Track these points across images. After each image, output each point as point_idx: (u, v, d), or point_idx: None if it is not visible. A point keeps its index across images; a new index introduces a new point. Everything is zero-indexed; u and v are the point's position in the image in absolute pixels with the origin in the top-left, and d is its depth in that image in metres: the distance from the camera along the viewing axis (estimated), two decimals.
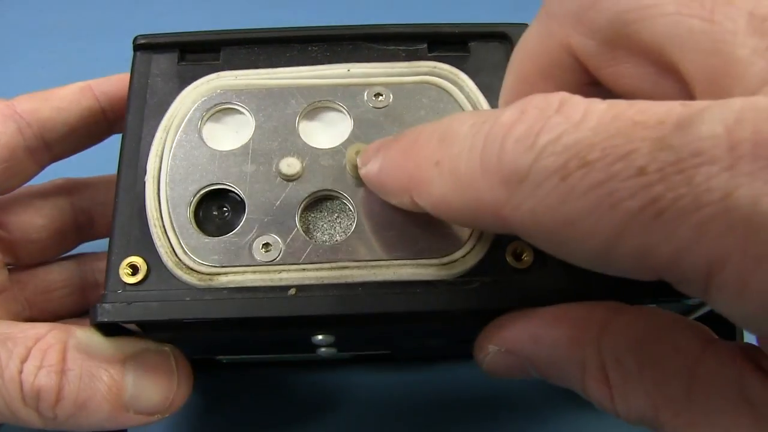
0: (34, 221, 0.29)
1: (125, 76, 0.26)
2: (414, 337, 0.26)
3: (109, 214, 0.30)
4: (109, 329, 0.23)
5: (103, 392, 0.22)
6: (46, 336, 0.23)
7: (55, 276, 0.30)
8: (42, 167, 0.28)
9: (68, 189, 0.30)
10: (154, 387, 0.23)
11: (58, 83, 0.28)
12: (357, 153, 0.23)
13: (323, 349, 0.26)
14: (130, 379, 0.23)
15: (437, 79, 0.25)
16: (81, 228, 0.31)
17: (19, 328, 0.23)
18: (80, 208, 0.30)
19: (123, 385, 0.23)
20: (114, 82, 0.28)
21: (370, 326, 0.22)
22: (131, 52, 0.26)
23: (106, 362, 0.23)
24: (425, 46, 0.26)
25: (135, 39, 0.26)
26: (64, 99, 0.27)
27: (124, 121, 0.25)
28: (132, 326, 0.23)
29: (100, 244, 0.31)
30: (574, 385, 0.20)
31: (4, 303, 0.28)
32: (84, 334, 0.23)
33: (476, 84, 0.25)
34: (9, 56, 0.42)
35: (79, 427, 0.23)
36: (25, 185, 0.28)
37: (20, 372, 0.22)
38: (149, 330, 0.23)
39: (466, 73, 0.25)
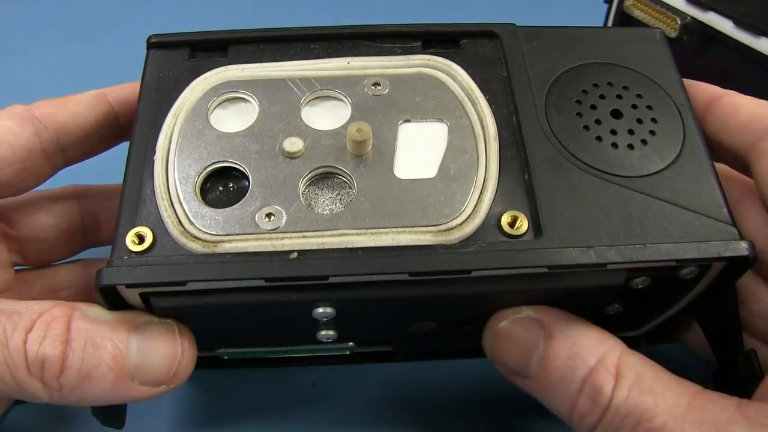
0: (43, 221, 0.30)
1: (137, 84, 0.27)
2: (412, 313, 0.26)
3: (115, 219, 0.31)
4: (114, 301, 0.23)
5: (107, 361, 0.23)
6: (51, 309, 0.23)
7: (62, 277, 0.31)
8: (56, 171, 0.29)
9: (77, 193, 0.31)
10: (158, 356, 0.23)
11: (60, 82, 0.29)
12: (358, 130, 0.24)
13: (323, 332, 0.26)
14: (133, 348, 0.23)
15: (432, 70, 0.27)
16: (88, 231, 0.31)
17: (25, 303, 0.24)
18: (88, 212, 0.31)
19: (127, 354, 0.23)
20: (127, 90, 0.29)
21: (369, 291, 0.23)
22: (134, 51, 0.27)
23: (110, 332, 0.23)
24: (419, 44, 0.28)
25: (149, 38, 0.27)
26: (80, 105, 0.28)
27: (136, 109, 0.26)
28: (136, 299, 0.24)
29: (107, 252, 0.32)
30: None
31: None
32: (89, 308, 0.24)
33: (468, 75, 0.27)
34: (10, 55, 0.43)
35: (85, 399, 0.23)
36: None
37: (24, 342, 0.22)
38: (153, 300, 0.23)
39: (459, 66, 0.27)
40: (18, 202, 0.29)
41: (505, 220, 0.23)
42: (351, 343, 0.28)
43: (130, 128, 0.26)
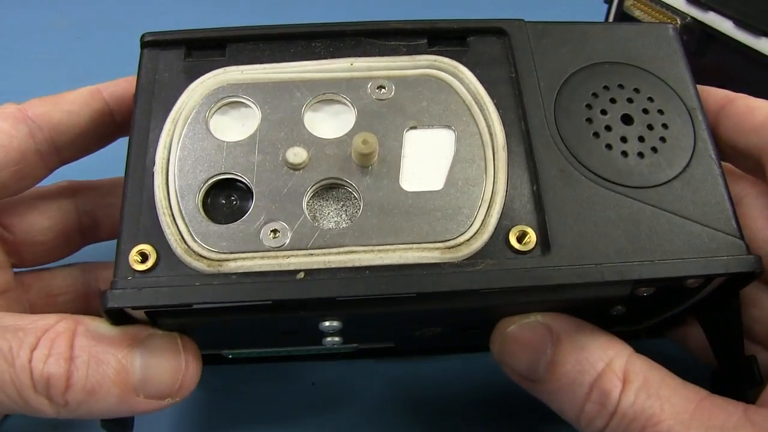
0: (38, 223, 0.29)
1: (132, 79, 0.26)
2: (418, 323, 0.26)
3: (113, 216, 0.30)
4: (118, 318, 0.23)
5: (111, 377, 0.23)
6: (55, 325, 0.23)
7: (59, 281, 0.30)
8: (51, 171, 0.28)
9: (72, 191, 0.31)
10: (162, 369, 0.23)
11: (59, 82, 0.28)
12: (363, 142, 0.23)
13: (328, 339, 0.26)
14: (137, 363, 0.23)
15: (438, 71, 0.26)
16: (85, 230, 0.31)
17: (30, 319, 0.23)
18: (84, 211, 0.31)
19: (131, 369, 0.23)
20: (122, 85, 0.28)
21: (377, 308, 0.23)
22: (130, 50, 0.26)
23: (113, 348, 0.23)
24: (425, 41, 0.27)
25: (142, 36, 0.26)
26: (75, 102, 0.27)
27: (132, 115, 0.25)
28: (141, 315, 0.23)
29: (106, 251, 0.31)
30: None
31: (7, 303, 0.28)
32: (92, 323, 0.24)
33: (475, 76, 0.26)
34: (9, 55, 0.42)
35: (91, 414, 0.23)
36: None
37: (30, 360, 0.22)
38: (158, 318, 0.23)
39: (465, 66, 0.26)
40: (11, 203, 0.29)
41: (513, 235, 0.23)
42: (355, 344, 0.28)
43: (126, 125, 0.25)
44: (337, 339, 0.26)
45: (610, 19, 0.38)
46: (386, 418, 0.29)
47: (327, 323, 0.24)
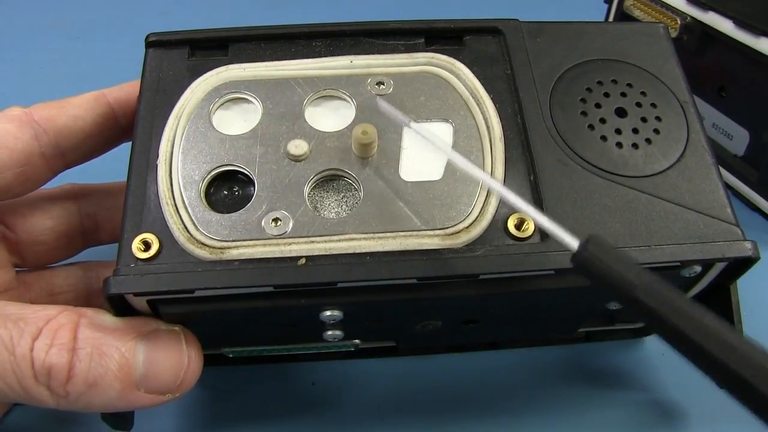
0: (41, 223, 0.29)
1: (137, 84, 0.27)
2: (419, 313, 0.26)
3: (114, 219, 0.30)
4: (121, 308, 0.23)
5: (113, 370, 0.23)
6: (58, 316, 0.23)
7: (61, 280, 0.30)
8: (55, 174, 0.28)
9: (75, 194, 0.31)
10: (165, 365, 0.23)
11: (58, 82, 0.28)
12: (363, 132, 0.24)
13: (329, 332, 0.26)
14: (140, 358, 0.23)
15: (436, 68, 0.27)
16: (87, 232, 0.31)
17: (31, 309, 0.24)
18: (86, 213, 0.31)
19: (133, 363, 0.23)
20: (126, 90, 0.29)
21: (378, 295, 0.23)
22: (134, 51, 0.27)
23: (116, 341, 0.23)
24: (423, 40, 0.28)
25: (147, 37, 0.27)
26: (80, 107, 0.28)
27: (136, 112, 0.26)
28: (143, 306, 0.23)
29: (107, 254, 0.31)
30: None
31: (9, 301, 0.28)
32: (95, 314, 0.24)
33: (472, 73, 0.26)
34: (9, 55, 0.43)
35: (91, 406, 0.23)
36: None
37: (31, 349, 0.22)
38: (160, 307, 0.23)
39: (462, 63, 0.27)
40: (16, 204, 0.29)
41: (512, 222, 0.24)
42: (356, 341, 0.28)
43: (131, 129, 0.26)
44: (338, 333, 0.26)
45: (610, 18, 0.39)
46: (386, 418, 0.29)
47: (328, 313, 0.24)
